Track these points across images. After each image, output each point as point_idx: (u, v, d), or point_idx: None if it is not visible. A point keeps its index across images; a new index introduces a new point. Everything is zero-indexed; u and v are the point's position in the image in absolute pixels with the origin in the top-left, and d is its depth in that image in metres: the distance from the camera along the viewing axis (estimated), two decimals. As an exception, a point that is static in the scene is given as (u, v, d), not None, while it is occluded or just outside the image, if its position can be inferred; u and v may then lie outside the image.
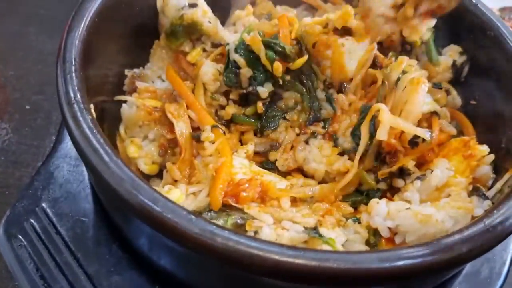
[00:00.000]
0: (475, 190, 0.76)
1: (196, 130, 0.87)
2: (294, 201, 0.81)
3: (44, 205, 0.84)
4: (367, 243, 0.74)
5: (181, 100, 0.89)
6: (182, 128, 0.86)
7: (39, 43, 1.29)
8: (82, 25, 0.78)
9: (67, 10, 0.82)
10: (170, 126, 0.88)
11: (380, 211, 0.74)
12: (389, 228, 0.73)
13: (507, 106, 0.87)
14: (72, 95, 0.70)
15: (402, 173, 0.82)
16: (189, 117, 0.88)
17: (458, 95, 0.97)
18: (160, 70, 0.96)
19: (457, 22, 0.96)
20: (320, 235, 0.69)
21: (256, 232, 0.69)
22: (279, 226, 0.72)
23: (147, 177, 0.88)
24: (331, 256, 0.57)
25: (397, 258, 0.58)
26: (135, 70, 0.94)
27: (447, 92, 0.96)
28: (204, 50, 0.96)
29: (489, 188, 0.80)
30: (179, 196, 0.76)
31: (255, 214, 0.74)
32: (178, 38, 0.95)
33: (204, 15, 0.94)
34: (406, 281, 0.63)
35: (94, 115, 0.72)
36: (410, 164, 0.81)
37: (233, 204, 0.74)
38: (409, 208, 0.73)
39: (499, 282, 0.84)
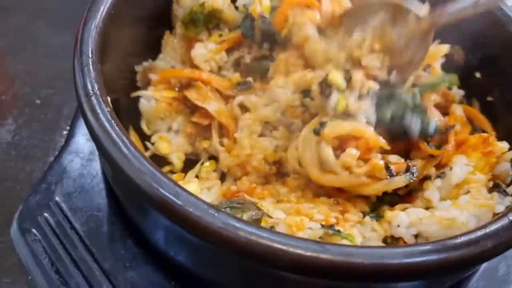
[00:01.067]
0: (495, 187, 0.75)
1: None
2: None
3: (57, 199, 0.84)
4: (384, 241, 0.73)
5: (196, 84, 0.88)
6: (215, 107, 0.86)
7: (48, 37, 1.28)
8: (98, 17, 0.77)
9: (75, 3, 0.82)
10: (197, 111, 0.88)
11: (402, 222, 0.72)
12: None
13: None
14: (90, 87, 0.69)
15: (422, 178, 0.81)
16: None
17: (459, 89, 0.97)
18: (173, 60, 0.96)
19: (472, 17, 0.95)
20: (338, 231, 0.69)
21: (272, 227, 0.68)
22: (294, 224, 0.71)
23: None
24: (355, 251, 0.57)
25: (423, 253, 0.57)
26: (144, 63, 0.94)
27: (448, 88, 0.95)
28: (220, 35, 0.96)
29: (508, 185, 0.79)
30: (196, 189, 0.76)
31: (269, 211, 0.73)
32: (197, 26, 0.95)
33: (224, 1, 0.94)
34: (431, 276, 0.62)
35: (111, 107, 0.71)
36: (431, 171, 0.80)
37: (248, 197, 0.73)
38: (432, 214, 0.71)
39: (516, 280, 0.84)
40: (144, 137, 0.92)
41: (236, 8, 0.98)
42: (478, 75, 0.97)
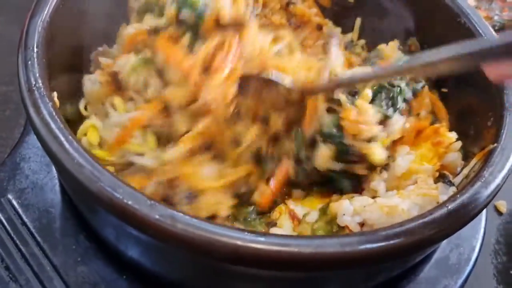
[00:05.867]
0: (441, 177, 0.77)
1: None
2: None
3: (9, 196, 0.83)
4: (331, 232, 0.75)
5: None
6: None
7: (8, 33, 1.25)
8: (45, 12, 0.77)
9: None
10: None
11: (346, 210, 0.73)
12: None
13: (475, 94, 0.87)
14: (32, 81, 0.68)
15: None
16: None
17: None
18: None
19: (427, 9, 0.96)
20: None
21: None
22: None
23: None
24: (292, 241, 0.57)
25: (359, 242, 0.58)
26: (99, 48, 0.93)
27: None
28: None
29: (457, 175, 0.80)
30: None
31: None
32: (152, 17, 0.94)
33: None
34: (370, 265, 0.63)
35: (57, 102, 0.71)
36: None
37: None
38: (374, 202, 0.73)
39: (468, 268, 0.85)
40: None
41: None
42: (433, 67, 0.98)
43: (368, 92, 0.79)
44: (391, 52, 0.96)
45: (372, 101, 0.79)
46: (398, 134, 0.79)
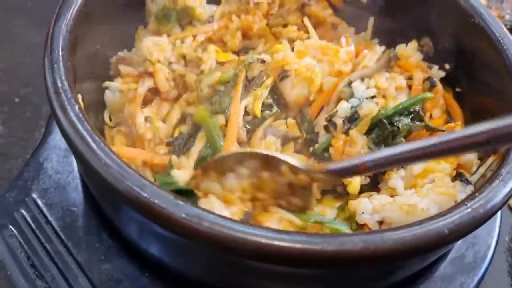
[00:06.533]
0: (458, 176, 0.78)
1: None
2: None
3: (34, 195, 0.85)
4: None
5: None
6: None
7: (26, 36, 1.28)
8: (69, 15, 0.79)
9: (54, 2, 0.82)
10: None
11: (365, 208, 0.74)
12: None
13: (489, 92, 0.88)
14: (59, 84, 0.70)
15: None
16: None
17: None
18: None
19: (440, 9, 0.97)
20: None
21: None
22: None
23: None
24: (315, 239, 0.58)
25: (382, 240, 0.59)
26: (119, 53, 0.95)
27: (429, 67, 0.98)
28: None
29: (473, 174, 0.81)
30: None
31: None
32: (170, 22, 0.97)
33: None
34: (391, 262, 0.64)
35: (82, 104, 0.72)
36: None
37: None
38: (394, 201, 0.74)
39: (484, 266, 0.86)
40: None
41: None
42: (447, 66, 0.99)
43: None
44: (411, 53, 0.97)
45: (369, 132, 0.82)
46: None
